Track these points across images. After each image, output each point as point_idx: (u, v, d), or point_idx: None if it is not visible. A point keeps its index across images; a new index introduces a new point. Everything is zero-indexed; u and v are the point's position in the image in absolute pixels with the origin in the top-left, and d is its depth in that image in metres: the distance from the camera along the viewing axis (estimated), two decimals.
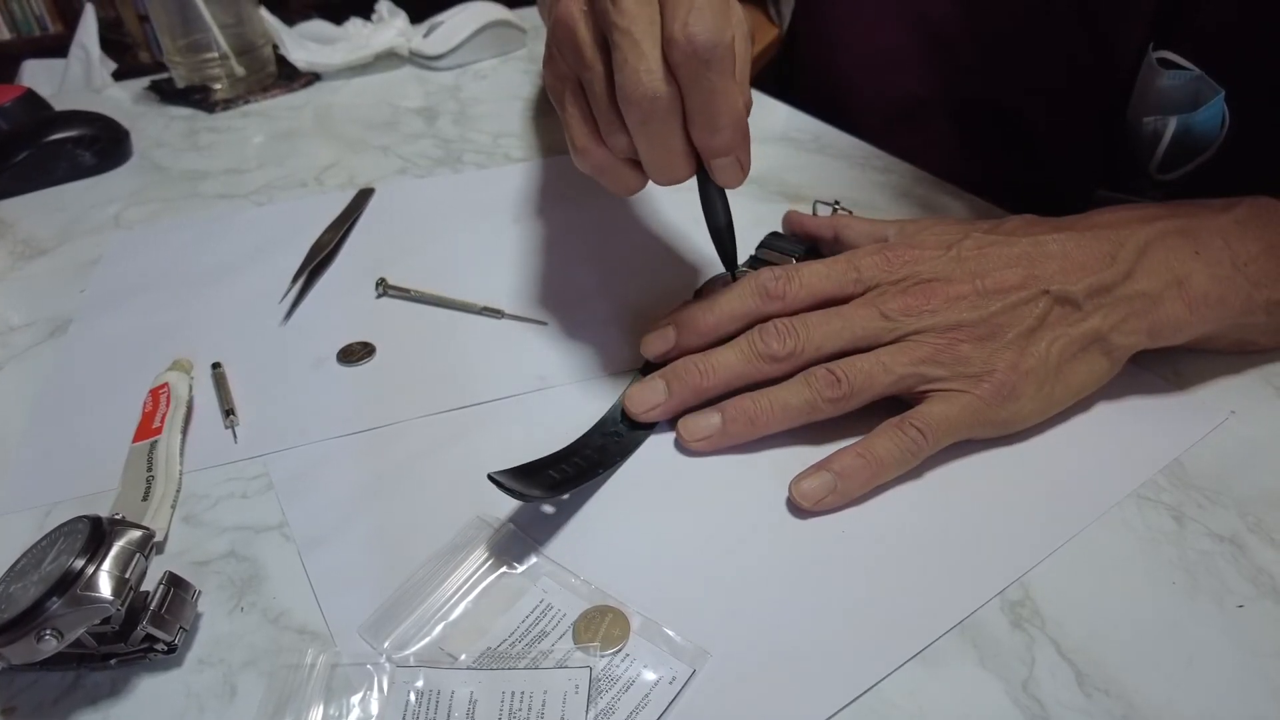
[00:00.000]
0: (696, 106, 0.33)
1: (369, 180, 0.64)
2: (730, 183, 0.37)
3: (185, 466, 0.38)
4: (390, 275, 0.50)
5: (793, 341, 0.37)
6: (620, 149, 0.35)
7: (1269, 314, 0.38)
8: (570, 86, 0.36)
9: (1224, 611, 0.30)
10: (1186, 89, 0.46)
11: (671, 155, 0.35)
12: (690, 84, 0.32)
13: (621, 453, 0.37)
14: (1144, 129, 0.48)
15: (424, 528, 0.34)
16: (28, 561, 0.29)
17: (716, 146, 0.34)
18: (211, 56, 0.80)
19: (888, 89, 0.65)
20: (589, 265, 0.51)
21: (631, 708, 0.28)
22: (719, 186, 0.38)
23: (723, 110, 0.33)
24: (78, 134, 0.68)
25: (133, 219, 0.61)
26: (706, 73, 0.32)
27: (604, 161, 0.36)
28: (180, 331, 0.48)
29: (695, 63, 0.32)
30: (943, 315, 0.36)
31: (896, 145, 0.62)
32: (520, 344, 0.45)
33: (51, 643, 0.27)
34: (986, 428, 0.36)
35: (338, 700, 0.28)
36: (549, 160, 0.65)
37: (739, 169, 0.36)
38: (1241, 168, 0.42)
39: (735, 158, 0.35)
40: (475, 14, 0.86)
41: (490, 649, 0.30)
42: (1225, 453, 0.36)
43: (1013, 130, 0.60)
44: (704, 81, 0.32)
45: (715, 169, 0.36)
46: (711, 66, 0.32)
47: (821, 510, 0.34)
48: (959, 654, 0.29)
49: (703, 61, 0.32)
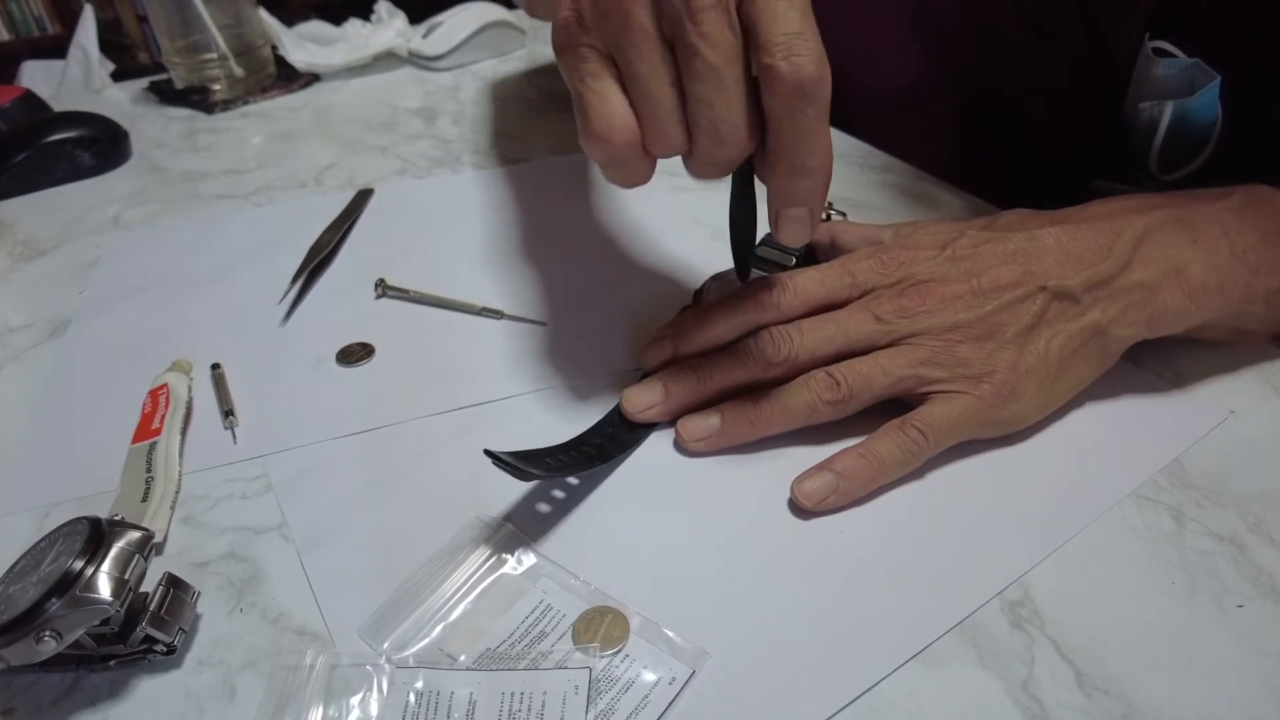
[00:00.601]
0: (785, 145, 0.30)
1: (368, 181, 0.64)
2: (796, 240, 0.33)
3: (184, 467, 0.38)
4: (389, 276, 0.50)
5: (788, 348, 0.37)
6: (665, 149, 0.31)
7: (1267, 303, 0.38)
8: (598, 57, 0.31)
9: (1224, 611, 0.30)
10: (1182, 76, 0.46)
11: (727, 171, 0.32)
12: (785, 121, 0.30)
13: (620, 450, 0.37)
14: (1140, 116, 0.48)
15: (423, 528, 0.34)
16: (27, 563, 0.29)
17: (797, 192, 0.32)
18: (210, 57, 0.80)
19: (885, 81, 0.65)
20: (589, 266, 0.51)
21: (631, 708, 0.28)
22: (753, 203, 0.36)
23: (816, 153, 0.30)
24: (77, 135, 0.68)
25: (132, 220, 0.61)
26: (806, 111, 0.29)
27: (624, 155, 0.32)
28: (179, 332, 0.48)
29: (797, 99, 0.29)
30: (939, 316, 0.36)
31: (894, 138, 0.62)
32: (520, 345, 0.45)
33: (51, 644, 0.27)
34: (989, 428, 0.36)
35: (337, 701, 0.28)
36: (548, 161, 0.65)
37: (809, 224, 0.33)
38: (1239, 162, 0.42)
39: (810, 210, 0.32)
40: (474, 15, 0.86)
41: (490, 650, 0.30)
42: (1225, 453, 0.36)
43: (1010, 122, 0.60)
44: (801, 121, 0.29)
45: (784, 219, 0.33)
46: (813, 104, 0.29)
47: (823, 511, 0.34)
48: (959, 654, 0.29)
49: (806, 98, 0.29)
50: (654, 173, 0.33)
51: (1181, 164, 0.48)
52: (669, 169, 0.65)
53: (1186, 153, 0.47)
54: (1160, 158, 0.48)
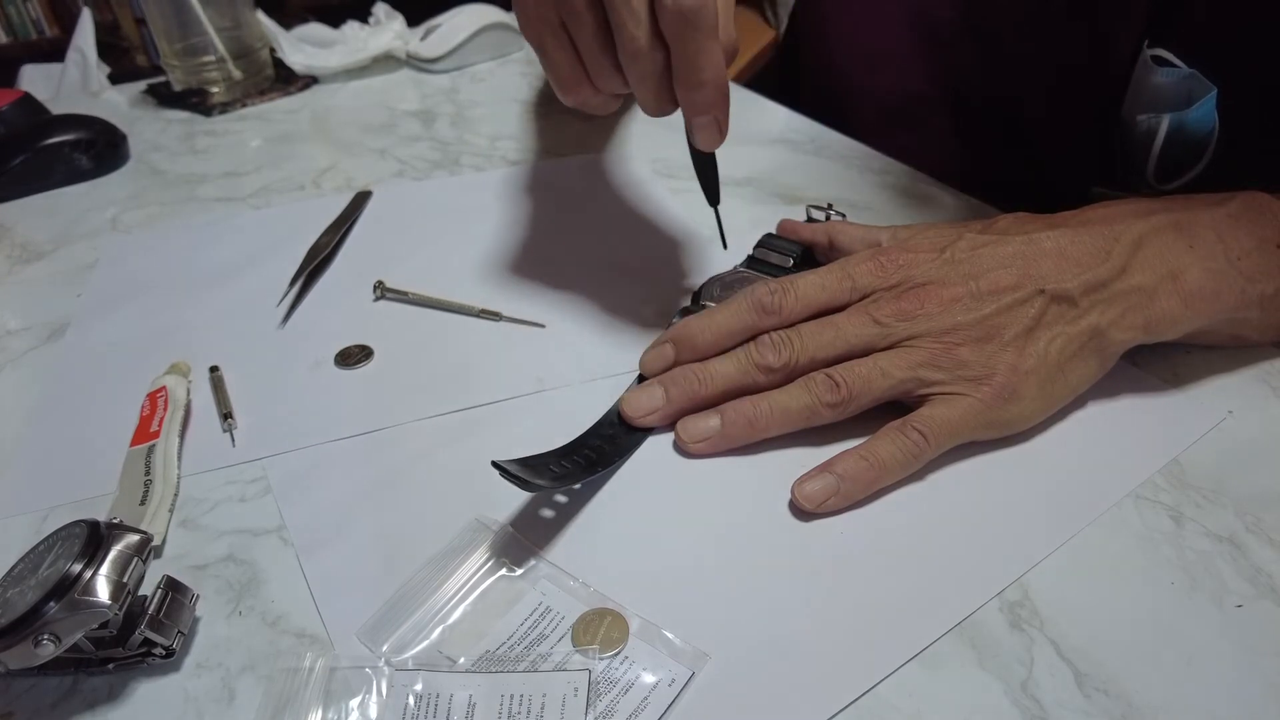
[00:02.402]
0: (680, 64, 0.36)
1: (366, 183, 0.64)
2: (708, 144, 0.39)
3: (183, 470, 0.38)
4: (388, 278, 0.50)
5: (787, 352, 0.37)
6: (610, 89, 0.39)
7: (1263, 308, 0.38)
8: (552, 29, 0.38)
9: (1223, 611, 0.30)
10: (1180, 86, 0.46)
11: (661, 99, 0.38)
12: (675, 43, 0.35)
13: (619, 453, 0.37)
14: (1138, 128, 0.48)
15: (422, 530, 0.34)
16: (25, 566, 0.29)
17: (698, 102, 0.37)
18: (208, 60, 0.80)
19: (885, 86, 0.65)
20: (587, 268, 0.51)
21: (630, 710, 0.28)
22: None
23: (705, 66, 0.36)
24: (75, 138, 0.68)
25: (130, 222, 0.61)
26: (692, 33, 0.35)
27: (589, 97, 0.40)
28: (178, 335, 0.48)
29: (680, 24, 0.35)
30: (938, 319, 0.36)
31: (894, 143, 0.63)
32: (518, 346, 0.45)
33: (49, 647, 0.27)
34: (989, 429, 0.36)
35: (336, 704, 0.28)
36: (546, 162, 0.65)
37: (716, 129, 0.38)
38: (1236, 171, 0.42)
39: (714, 117, 0.38)
40: (472, 17, 0.86)
41: (489, 652, 0.30)
42: (1223, 453, 0.36)
43: (1010, 128, 0.60)
44: (689, 42, 0.35)
45: (696, 128, 0.39)
46: (697, 27, 0.35)
47: (824, 512, 0.34)
48: (958, 655, 0.29)
49: (689, 24, 0.34)
50: (617, 104, 0.41)
51: (1178, 174, 0.48)
52: (668, 171, 0.65)
53: (1184, 163, 0.47)
54: (1158, 168, 0.48)
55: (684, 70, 0.36)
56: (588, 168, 0.64)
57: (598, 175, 0.63)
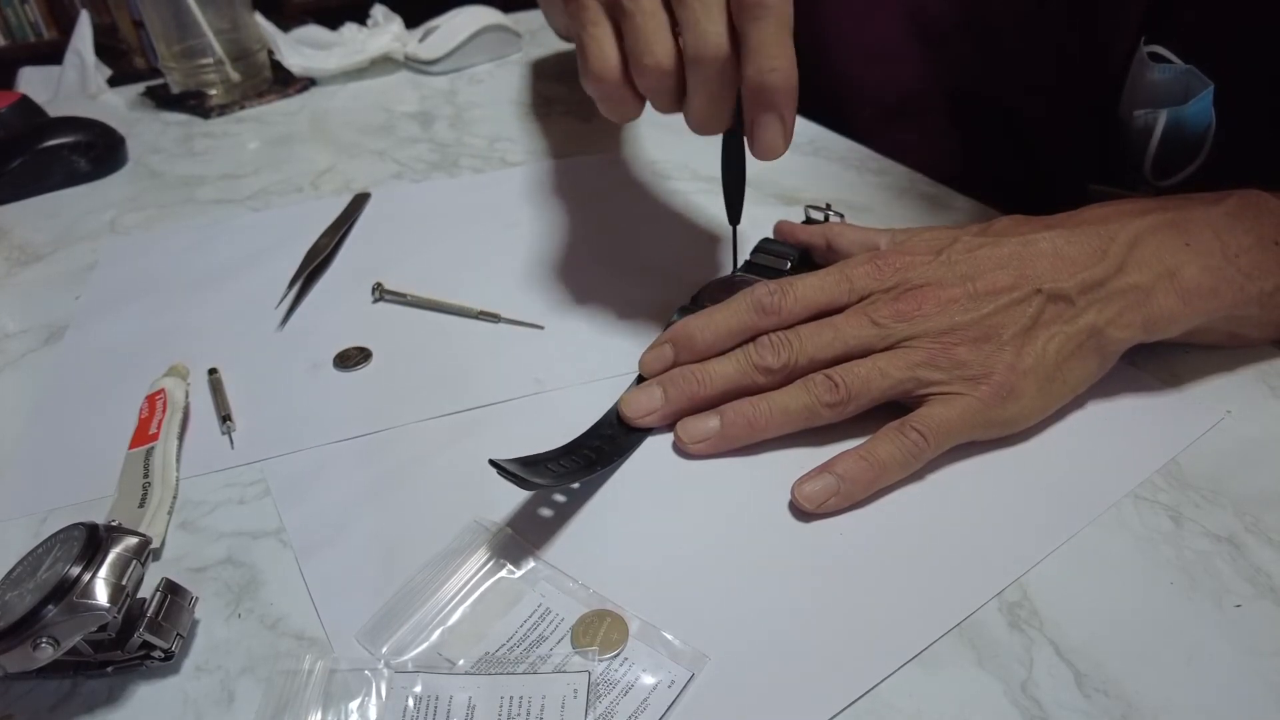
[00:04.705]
0: (753, 51, 0.34)
1: (365, 185, 0.64)
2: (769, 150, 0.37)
3: (182, 472, 0.38)
4: (386, 280, 0.50)
5: (786, 353, 0.37)
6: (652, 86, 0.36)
7: (1261, 306, 0.38)
8: (598, 7, 0.36)
9: (1222, 611, 0.30)
10: (1177, 82, 0.46)
11: (720, 108, 0.36)
12: (751, 27, 0.34)
13: (618, 453, 0.37)
14: (1135, 124, 0.48)
15: (421, 532, 0.34)
16: (24, 569, 0.29)
17: (766, 93, 0.35)
18: (207, 62, 0.80)
19: (882, 84, 0.65)
20: (586, 269, 0.51)
21: (630, 711, 0.28)
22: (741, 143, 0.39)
23: (779, 55, 0.34)
24: (73, 140, 0.68)
25: (128, 225, 0.61)
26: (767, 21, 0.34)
27: (616, 92, 0.37)
28: (176, 337, 0.48)
29: (756, 10, 0.33)
30: (936, 320, 0.36)
31: (891, 140, 0.63)
32: (517, 348, 0.45)
33: (48, 650, 0.27)
34: (988, 428, 0.36)
35: (336, 706, 0.28)
36: (545, 164, 0.65)
37: (780, 130, 0.36)
38: (1233, 167, 0.42)
39: (780, 115, 0.36)
40: (470, 18, 0.86)
41: (488, 654, 0.30)
42: (1222, 452, 0.36)
43: (1007, 125, 0.60)
44: (766, 27, 0.34)
45: (759, 127, 0.36)
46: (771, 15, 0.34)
47: (824, 513, 0.34)
48: (957, 655, 0.29)
49: (765, 9, 0.33)
50: (643, 110, 0.38)
51: (1176, 170, 0.48)
52: (667, 172, 0.65)
53: (1181, 159, 0.48)
54: (1155, 164, 0.48)
55: (756, 58, 0.34)
56: (587, 169, 0.64)
57: (597, 177, 0.63)
